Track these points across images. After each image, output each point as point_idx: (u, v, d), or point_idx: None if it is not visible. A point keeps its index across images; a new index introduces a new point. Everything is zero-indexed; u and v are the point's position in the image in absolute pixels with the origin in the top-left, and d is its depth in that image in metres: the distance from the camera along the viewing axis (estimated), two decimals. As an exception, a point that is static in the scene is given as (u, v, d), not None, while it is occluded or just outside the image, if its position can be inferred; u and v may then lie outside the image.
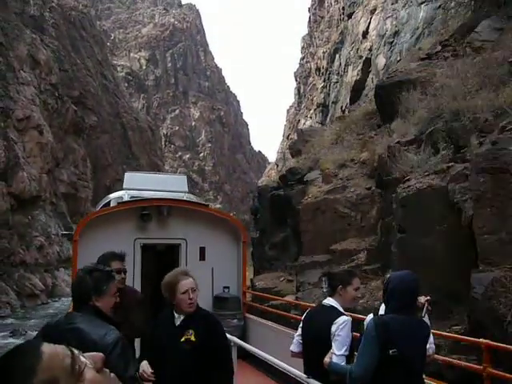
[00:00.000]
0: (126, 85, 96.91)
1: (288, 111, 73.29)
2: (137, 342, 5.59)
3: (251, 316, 10.21)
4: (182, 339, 4.01)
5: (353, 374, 3.57)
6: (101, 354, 1.17)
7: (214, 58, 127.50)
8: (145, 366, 3.97)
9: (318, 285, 11.14)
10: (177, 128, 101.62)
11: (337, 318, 4.05)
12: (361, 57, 32.37)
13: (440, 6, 24.74)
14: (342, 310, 4.20)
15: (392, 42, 28.58)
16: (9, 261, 30.85)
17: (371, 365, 3.52)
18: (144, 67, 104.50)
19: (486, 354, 4.98)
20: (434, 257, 8.16)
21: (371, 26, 32.04)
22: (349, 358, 3.98)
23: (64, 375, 1.05)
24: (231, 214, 18.77)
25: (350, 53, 36.66)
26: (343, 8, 47.95)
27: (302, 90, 63.08)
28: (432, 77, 13.34)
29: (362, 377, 3.55)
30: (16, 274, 30.73)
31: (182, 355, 3.94)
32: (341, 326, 4.00)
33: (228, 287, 10.07)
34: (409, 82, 13.81)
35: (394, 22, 29.19)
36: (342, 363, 3.87)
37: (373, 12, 32.32)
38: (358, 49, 33.54)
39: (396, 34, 28.56)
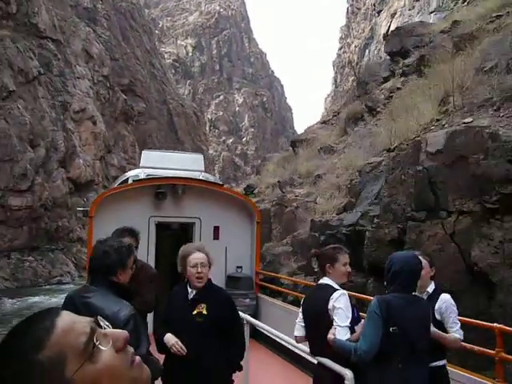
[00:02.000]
0: (173, 71, 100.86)
1: (325, 99, 75.89)
2: (149, 317, 5.64)
3: (263, 296, 10.28)
4: (194, 312, 4.12)
5: (358, 351, 3.64)
6: (125, 331, 1.07)
7: (258, 45, 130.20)
8: (173, 339, 4.03)
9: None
10: (221, 113, 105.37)
11: (332, 293, 4.08)
12: (380, 58, 35.20)
13: (445, 17, 27.58)
14: (337, 286, 4.21)
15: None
16: (68, 237, 35.52)
17: (376, 341, 3.61)
18: (190, 54, 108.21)
19: (499, 338, 4.93)
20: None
21: (391, 29, 34.78)
22: (352, 330, 4.01)
23: (73, 354, 0.97)
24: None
25: (375, 51, 39.36)
26: (374, 4, 50.42)
27: (338, 80, 65.79)
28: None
29: (367, 353, 3.63)
30: (74, 248, 35.31)
31: (194, 328, 4.04)
32: (338, 299, 4.03)
33: (241, 267, 10.15)
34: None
35: (410, 27, 31.93)
36: (347, 334, 3.90)
37: (393, 16, 35.04)
38: (379, 49, 36.36)
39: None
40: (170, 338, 4.05)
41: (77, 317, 1.06)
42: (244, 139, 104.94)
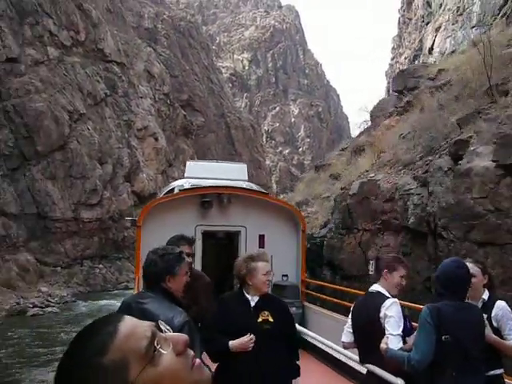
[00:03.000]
0: (230, 85, 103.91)
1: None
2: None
3: (309, 304, 10.17)
4: (260, 320, 4.07)
5: (411, 361, 3.59)
6: (185, 335, 1.10)
7: (313, 55, 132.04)
8: (237, 342, 3.98)
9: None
10: (277, 124, 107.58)
11: (384, 301, 4.04)
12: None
13: (485, 32, 28.92)
14: (388, 294, 4.17)
15: (448, 61, 32.60)
16: (133, 246, 38.35)
17: (429, 350, 3.56)
18: (247, 68, 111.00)
19: None
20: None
21: (436, 43, 36.01)
22: (404, 339, 3.96)
23: (135, 357, 1.01)
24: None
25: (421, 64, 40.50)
26: (423, 16, 51.39)
27: (390, 91, 66.53)
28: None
29: (421, 362, 3.57)
30: (139, 257, 38.17)
31: (259, 335, 3.97)
32: (390, 307, 3.99)
33: (287, 275, 10.03)
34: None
35: (452, 42, 33.10)
36: (400, 343, 3.87)
37: (437, 30, 36.28)
38: (425, 62, 37.62)
39: (453, 53, 32.51)
40: (235, 342, 3.98)
41: (138, 321, 1.11)
42: (300, 149, 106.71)
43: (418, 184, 11.72)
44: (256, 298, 4.22)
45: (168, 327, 1.14)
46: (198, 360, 1.11)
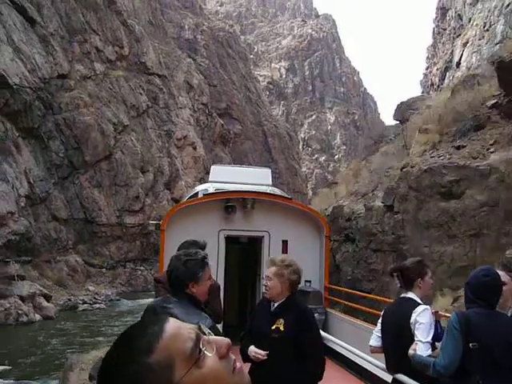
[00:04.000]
0: (267, 93, 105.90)
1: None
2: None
3: (332, 311, 10.12)
4: (273, 327, 4.07)
5: (437, 367, 3.59)
6: (227, 339, 1.10)
7: (350, 63, 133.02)
8: (253, 348, 4.03)
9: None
10: (313, 132, 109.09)
11: (416, 307, 4.06)
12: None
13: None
14: (420, 301, 4.20)
15: (474, 76, 33.76)
16: (172, 250, 40.62)
17: (456, 357, 3.54)
18: (284, 76, 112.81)
19: None
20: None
21: (463, 57, 37.20)
22: (433, 346, 3.96)
23: (180, 358, 1.03)
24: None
25: (451, 77, 41.62)
26: (454, 28, 52.33)
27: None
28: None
29: (447, 368, 3.56)
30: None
31: (270, 343, 4.00)
32: (421, 314, 4.00)
33: (310, 281, 9.90)
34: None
35: (478, 57, 34.25)
36: (428, 350, 3.86)
37: (465, 45, 37.47)
38: (453, 76, 38.80)
39: (479, 68, 33.68)
40: (251, 348, 4.07)
41: (183, 323, 1.13)
42: (336, 157, 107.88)
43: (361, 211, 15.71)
44: (276, 304, 4.24)
45: (209, 331, 1.16)
46: (238, 364, 1.13)
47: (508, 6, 29.54)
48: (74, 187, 33.88)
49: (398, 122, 26.68)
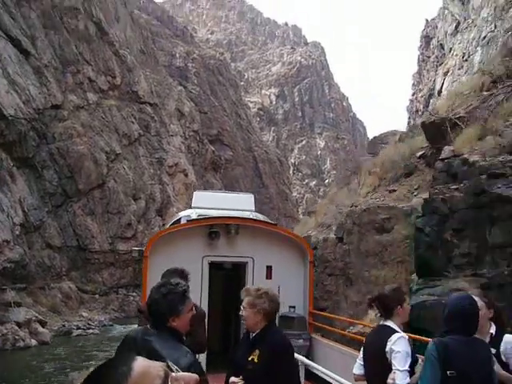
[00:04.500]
0: (258, 119, 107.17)
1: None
2: (202, 359, 5.64)
3: (317, 336, 10.02)
4: (249, 358, 4.03)
5: None
6: (195, 375, 1.14)
7: (339, 89, 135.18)
8: (231, 380, 3.99)
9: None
10: (304, 157, 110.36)
11: (391, 336, 4.05)
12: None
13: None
14: (397, 329, 4.18)
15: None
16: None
17: None
18: (274, 102, 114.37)
19: None
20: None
21: (444, 86, 38.35)
22: (412, 374, 3.94)
23: None
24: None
25: (431, 106, 42.73)
26: (437, 56, 53.73)
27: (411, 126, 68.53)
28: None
29: None
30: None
31: (246, 374, 3.97)
32: (396, 342, 4.00)
33: (294, 307, 9.87)
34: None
35: (458, 87, 35.33)
36: (407, 379, 3.83)
37: (446, 74, 38.68)
38: (435, 105, 39.90)
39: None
40: (231, 379, 4.01)
41: (151, 362, 1.14)
42: (326, 181, 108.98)
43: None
44: (253, 334, 4.20)
45: (177, 368, 1.20)
46: None
47: (485, 37, 30.71)
48: (67, 215, 34.53)
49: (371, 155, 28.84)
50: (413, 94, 74.41)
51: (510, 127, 10.81)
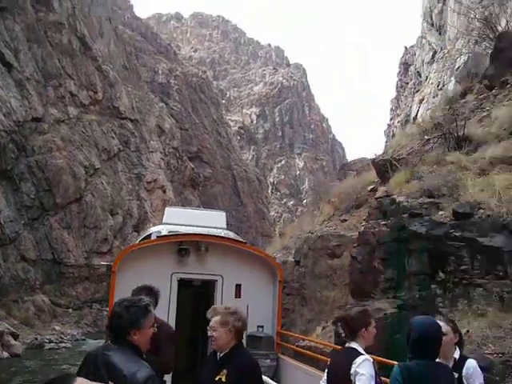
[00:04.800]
0: (238, 138, 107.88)
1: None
2: (168, 377, 5.64)
3: (284, 357, 9.93)
4: (217, 378, 4.01)
5: None
6: None
7: (319, 110, 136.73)
8: None
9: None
10: (283, 177, 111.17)
11: (356, 358, 4.04)
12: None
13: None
14: (362, 351, 4.16)
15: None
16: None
17: None
18: (255, 122, 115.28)
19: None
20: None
21: (419, 113, 39.31)
22: None
23: None
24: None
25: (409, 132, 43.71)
26: (414, 83, 55.00)
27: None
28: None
29: None
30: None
31: None
32: (361, 365, 3.99)
33: (262, 326, 9.80)
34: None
35: (431, 114, 36.31)
36: None
37: (421, 101, 39.70)
38: (412, 132, 40.81)
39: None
40: None
41: (90, 382, 1.11)
42: (304, 201, 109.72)
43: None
44: (221, 354, 4.18)
45: None
46: None
47: (458, 68, 31.68)
48: (43, 228, 34.53)
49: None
50: (390, 119, 75.83)
51: (431, 174, 12.69)
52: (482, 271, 9.10)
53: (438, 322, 3.91)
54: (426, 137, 15.47)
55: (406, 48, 73.37)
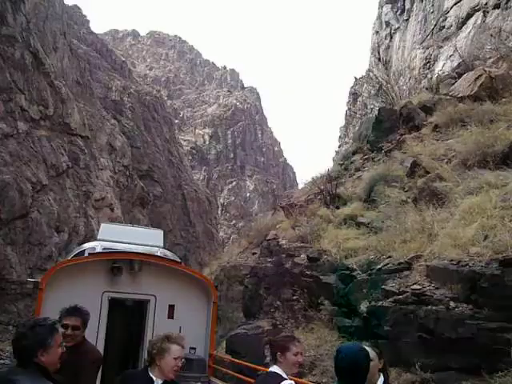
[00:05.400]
0: (190, 158, 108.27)
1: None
2: None
3: (216, 380, 9.77)
4: None
5: None
6: None
7: (272, 134, 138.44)
8: None
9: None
10: (233, 198, 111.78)
11: (278, 382, 4.03)
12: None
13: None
14: (285, 376, 4.13)
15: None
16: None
17: None
18: (207, 142, 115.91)
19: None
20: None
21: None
22: None
23: None
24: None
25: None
26: (361, 114, 56.72)
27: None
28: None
29: None
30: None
31: None
32: None
33: (195, 348, 9.60)
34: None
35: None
36: None
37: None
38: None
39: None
40: None
41: None
42: (253, 224, 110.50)
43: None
44: (160, 382, 4.10)
45: None
46: None
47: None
48: (-14, 244, 34.10)
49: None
50: (339, 146, 77.68)
51: (306, 224, 16.19)
52: (321, 300, 12.21)
53: (365, 347, 3.90)
54: (311, 191, 19.52)
55: (355, 78, 75.47)
